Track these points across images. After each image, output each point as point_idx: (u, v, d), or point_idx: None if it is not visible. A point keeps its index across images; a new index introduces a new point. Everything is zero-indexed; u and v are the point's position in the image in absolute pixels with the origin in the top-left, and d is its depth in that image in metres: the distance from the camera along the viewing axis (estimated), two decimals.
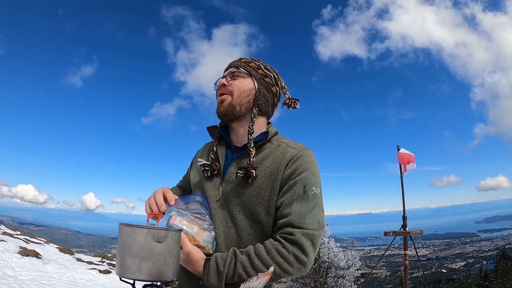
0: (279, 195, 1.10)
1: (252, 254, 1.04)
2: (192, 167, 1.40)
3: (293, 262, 1.02)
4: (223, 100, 1.22)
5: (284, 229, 1.05)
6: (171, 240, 1.21)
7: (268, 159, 1.15)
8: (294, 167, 1.11)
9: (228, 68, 1.29)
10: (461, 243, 71.72)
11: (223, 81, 1.24)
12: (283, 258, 1.02)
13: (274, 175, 1.11)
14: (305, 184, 1.09)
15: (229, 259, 1.05)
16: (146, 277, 1.14)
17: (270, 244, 1.04)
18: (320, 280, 13.96)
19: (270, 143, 1.21)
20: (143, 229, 1.16)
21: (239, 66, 1.25)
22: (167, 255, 1.19)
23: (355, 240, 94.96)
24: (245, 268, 1.03)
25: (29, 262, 7.62)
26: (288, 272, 1.03)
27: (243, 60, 1.28)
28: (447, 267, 50.60)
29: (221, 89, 1.24)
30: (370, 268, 26.82)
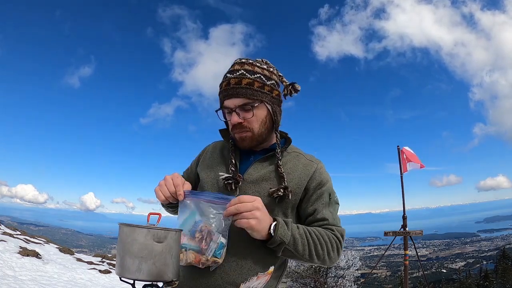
0: (309, 202, 1.23)
1: (313, 228, 1.16)
2: (204, 166, 1.35)
3: (336, 249, 1.18)
4: (244, 137, 1.21)
5: (324, 226, 1.21)
6: (171, 240, 1.21)
7: (294, 173, 1.22)
8: (319, 179, 1.24)
9: (230, 95, 1.17)
10: (461, 243, 71.73)
11: (238, 120, 1.18)
12: (333, 242, 1.17)
13: (298, 185, 1.21)
14: (330, 193, 1.25)
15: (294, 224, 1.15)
16: (146, 277, 1.14)
17: (322, 230, 1.18)
18: (320, 280, 13.96)
19: (287, 152, 1.28)
20: (143, 229, 1.16)
21: (246, 96, 1.16)
22: (167, 255, 1.19)
23: (355, 240, 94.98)
24: (307, 232, 1.13)
25: (29, 262, 7.62)
26: (331, 257, 1.17)
27: (244, 82, 1.16)
28: (447, 267, 50.62)
29: (238, 129, 1.20)
30: (370, 268, 26.82)
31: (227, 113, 1.23)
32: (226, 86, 1.19)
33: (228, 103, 1.19)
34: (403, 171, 6.49)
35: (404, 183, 6.59)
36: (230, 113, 1.21)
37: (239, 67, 1.20)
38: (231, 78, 1.19)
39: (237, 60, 1.24)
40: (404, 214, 6.26)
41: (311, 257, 1.13)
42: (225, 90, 1.19)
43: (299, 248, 1.11)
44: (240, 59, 1.24)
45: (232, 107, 1.18)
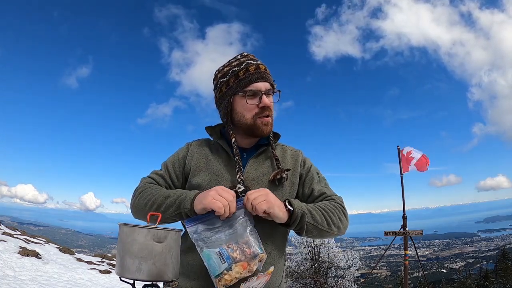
0: (305, 185, 1.31)
1: (318, 203, 1.23)
2: (200, 170, 1.27)
3: (343, 214, 1.25)
4: (267, 122, 1.24)
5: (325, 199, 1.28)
6: (171, 240, 1.21)
7: (287, 164, 1.30)
8: (306, 166, 1.35)
9: (263, 78, 1.23)
10: (461, 243, 71.67)
11: (269, 103, 1.23)
12: (339, 208, 1.24)
13: (294, 173, 1.30)
14: (317, 172, 1.37)
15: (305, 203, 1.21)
16: (146, 277, 1.14)
17: (325, 201, 1.25)
18: (320, 280, 13.96)
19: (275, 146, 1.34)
20: (143, 229, 1.16)
21: (272, 83, 1.25)
22: (167, 255, 1.19)
23: (355, 240, 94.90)
24: (315, 205, 1.20)
25: (29, 262, 7.62)
26: (343, 222, 1.23)
27: (268, 71, 1.27)
28: (447, 267, 50.58)
29: (266, 113, 1.23)
30: (370, 268, 26.81)
31: (250, 96, 1.22)
32: (256, 69, 1.22)
33: (259, 85, 1.21)
34: (403, 171, 6.49)
35: (404, 183, 6.58)
36: (255, 96, 1.22)
37: (255, 58, 1.27)
38: (259, 64, 1.24)
39: (246, 53, 1.28)
40: (404, 214, 6.25)
41: (329, 225, 1.18)
42: (257, 73, 1.21)
43: (317, 218, 1.15)
44: (250, 54, 1.29)
45: (264, 90, 1.21)
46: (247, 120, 1.23)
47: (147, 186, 1.26)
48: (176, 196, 1.18)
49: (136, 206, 1.25)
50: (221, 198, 1.07)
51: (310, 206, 1.18)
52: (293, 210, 1.12)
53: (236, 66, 1.23)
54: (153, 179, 1.30)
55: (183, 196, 1.16)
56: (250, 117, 1.23)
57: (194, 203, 1.13)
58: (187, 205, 1.13)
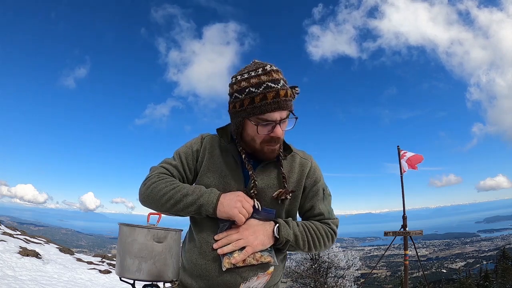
0: (307, 199, 1.33)
1: (311, 224, 1.29)
2: (209, 169, 1.28)
3: (331, 240, 1.32)
4: (274, 150, 1.23)
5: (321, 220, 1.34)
6: (171, 240, 1.21)
7: (293, 175, 1.30)
8: (314, 177, 1.33)
9: (281, 107, 1.13)
10: (461, 243, 71.65)
11: (281, 134, 1.18)
12: (328, 234, 1.31)
13: (298, 185, 1.30)
14: (323, 188, 1.36)
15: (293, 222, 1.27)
16: (146, 277, 1.14)
17: (319, 224, 1.31)
18: (320, 280, 13.96)
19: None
20: (143, 229, 1.16)
21: (290, 109, 1.17)
22: (167, 255, 1.19)
23: (355, 240, 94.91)
24: (306, 228, 1.25)
25: (29, 262, 7.61)
26: (327, 246, 1.32)
27: (289, 95, 1.15)
28: (447, 267, 50.55)
29: (274, 142, 1.19)
30: (370, 268, 26.81)
31: (263, 125, 1.16)
32: (275, 97, 1.11)
33: (275, 116, 1.13)
34: (403, 171, 6.49)
35: (404, 183, 6.58)
36: (268, 125, 1.16)
37: (277, 76, 1.14)
38: (279, 89, 1.12)
39: (268, 66, 1.16)
40: (404, 214, 6.25)
41: (309, 249, 1.27)
42: (274, 102, 1.11)
43: (300, 243, 1.24)
44: (270, 66, 1.16)
45: (279, 119, 1.14)
46: (255, 144, 1.22)
47: (161, 177, 1.23)
48: (196, 196, 1.18)
49: (148, 196, 1.22)
50: (245, 212, 1.16)
51: (299, 230, 1.24)
52: (278, 238, 1.21)
53: (254, 87, 1.12)
54: (167, 170, 1.27)
55: (204, 197, 1.17)
56: (258, 143, 1.21)
57: (217, 208, 1.16)
58: (210, 209, 1.16)
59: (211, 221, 1.23)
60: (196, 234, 1.27)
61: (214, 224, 1.23)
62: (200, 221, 1.27)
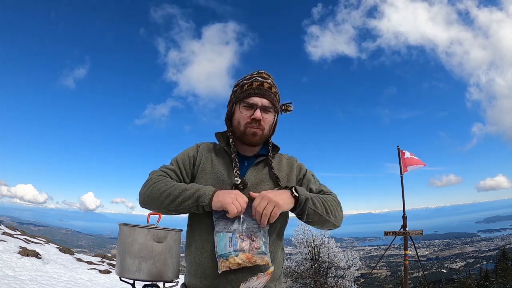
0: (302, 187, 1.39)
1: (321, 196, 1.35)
2: (205, 171, 1.39)
3: (340, 207, 1.39)
4: (255, 133, 1.37)
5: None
6: (171, 240, 1.22)
7: (283, 172, 1.44)
8: (302, 172, 1.49)
9: (262, 94, 1.36)
10: (461, 243, 71.65)
11: (260, 117, 1.35)
12: (336, 200, 1.39)
13: (288, 180, 1.43)
14: (312, 174, 1.51)
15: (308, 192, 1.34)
16: (146, 277, 1.15)
17: (325, 195, 1.38)
18: (320, 280, 13.96)
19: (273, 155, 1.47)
20: (143, 229, 1.17)
21: (272, 101, 1.38)
22: (167, 255, 1.19)
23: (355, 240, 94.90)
24: (316, 195, 1.34)
25: (29, 262, 7.62)
26: (339, 214, 1.37)
27: (272, 90, 1.39)
28: (447, 267, 50.55)
29: (255, 124, 1.36)
30: (370, 268, 26.81)
31: (245, 108, 1.37)
32: (259, 85, 1.37)
33: (256, 99, 1.36)
34: (403, 171, 6.49)
35: (404, 183, 6.58)
36: (250, 108, 1.37)
37: (267, 77, 1.41)
38: (264, 82, 1.39)
39: (262, 71, 1.43)
40: (404, 214, 6.25)
41: (327, 213, 1.31)
42: (258, 89, 1.37)
43: (317, 205, 1.29)
44: (265, 72, 1.43)
45: (259, 104, 1.36)
46: (240, 126, 1.39)
47: (160, 178, 1.33)
48: (193, 190, 1.26)
49: (149, 195, 1.30)
50: (238, 204, 1.22)
51: (313, 195, 1.32)
52: (298, 196, 1.26)
53: (245, 80, 1.41)
54: (166, 173, 1.37)
55: (202, 190, 1.26)
56: (242, 125, 1.38)
57: (213, 199, 1.23)
58: (206, 201, 1.23)
59: (209, 219, 1.29)
60: (196, 234, 1.32)
61: (212, 222, 1.28)
62: (198, 221, 1.33)
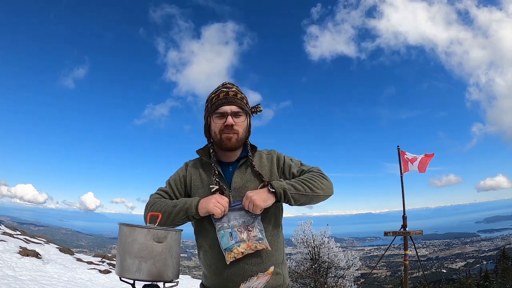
0: (285, 174, 1.58)
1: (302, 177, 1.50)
2: (197, 185, 1.57)
3: (323, 176, 1.52)
4: (231, 138, 1.52)
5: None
6: (171, 240, 1.22)
7: (265, 167, 1.58)
8: (281, 161, 1.62)
9: (229, 102, 1.51)
10: (461, 243, 71.61)
11: (232, 122, 1.50)
12: (317, 173, 1.52)
13: (271, 173, 1.58)
14: (290, 159, 1.64)
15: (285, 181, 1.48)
16: (146, 277, 1.15)
17: (306, 174, 1.53)
18: (320, 280, 13.97)
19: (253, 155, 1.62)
20: (143, 229, 1.17)
21: (240, 106, 1.53)
22: (167, 255, 1.19)
23: (355, 240, 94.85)
24: (300, 181, 1.46)
25: (29, 262, 7.62)
26: (326, 183, 1.49)
27: (238, 96, 1.54)
28: (447, 267, 50.53)
29: (229, 130, 1.51)
30: (370, 268, 26.82)
31: (218, 117, 1.53)
32: (225, 95, 1.52)
33: (225, 108, 1.51)
34: (403, 171, 6.49)
35: (404, 183, 6.58)
36: (222, 117, 1.52)
37: (231, 86, 1.57)
38: (229, 91, 1.54)
39: (227, 82, 1.60)
40: (404, 214, 6.25)
41: (312, 190, 1.44)
42: (225, 98, 1.52)
43: (299, 188, 1.43)
44: (229, 82, 1.60)
45: (229, 111, 1.51)
46: (216, 135, 1.55)
47: (156, 200, 1.55)
48: (182, 203, 1.47)
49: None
50: (220, 205, 1.41)
51: (292, 181, 1.47)
52: (275, 190, 1.41)
53: (213, 93, 1.57)
54: (160, 195, 1.59)
55: (188, 203, 1.46)
56: (218, 133, 1.54)
57: (198, 207, 1.43)
58: (193, 210, 1.43)
59: (208, 224, 1.48)
60: (201, 240, 1.52)
61: (211, 226, 1.47)
62: (200, 229, 1.53)
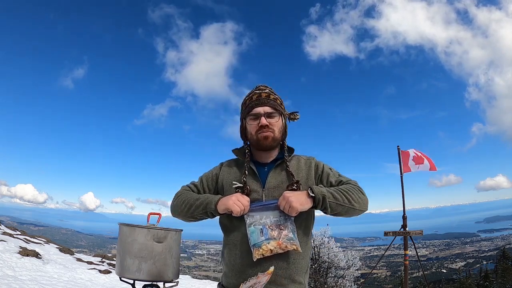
0: (322, 183, 1.55)
1: (341, 187, 1.47)
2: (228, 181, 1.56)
3: (361, 192, 1.49)
4: (267, 136, 1.53)
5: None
6: (171, 240, 1.22)
7: (302, 171, 1.57)
8: (319, 168, 1.61)
9: (262, 103, 1.54)
10: (461, 243, 71.57)
11: (266, 123, 1.51)
12: (356, 187, 1.49)
13: (308, 179, 1.56)
14: (329, 168, 1.62)
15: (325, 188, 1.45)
16: (146, 277, 1.15)
17: (345, 185, 1.50)
18: (320, 280, 13.96)
19: (290, 158, 1.61)
20: (143, 229, 1.17)
21: (273, 107, 1.54)
22: (167, 255, 1.19)
23: (355, 240, 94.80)
24: (336, 187, 1.46)
25: (29, 262, 7.62)
26: (363, 198, 1.47)
27: (271, 97, 1.56)
28: (447, 267, 50.51)
29: (264, 129, 1.52)
30: (370, 268, 26.82)
31: (252, 119, 1.55)
32: (258, 97, 1.55)
33: (259, 109, 1.53)
34: (403, 171, 6.48)
35: (404, 183, 6.57)
36: (256, 118, 1.54)
37: (264, 88, 1.60)
38: (262, 92, 1.57)
39: (260, 85, 1.63)
40: (404, 214, 6.24)
41: (349, 201, 1.42)
42: (257, 99, 1.55)
43: (338, 197, 1.41)
44: (262, 85, 1.62)
45: (262, 112, 1.53)
46: (252, 136, 1.56)
47: (183, 192, 1.59)
48: (203, 198, 1.49)
49: (174, 206, 1.55)
50: (239, 203, 1.40)
51: (332, 189, 1.45)
52: (314, 195, 1.39)
53: (247, 96, 1.61)
54: (190, 188, 1.63)
55: (209, 199, 1.48)
56: (254, 134, 1.55)
57: (218, 204, 1.44)
58: (212, 206, 1.45)
59: (237, 224, 1.46)
60: (233, 234, 1.49)
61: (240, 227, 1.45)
62: (228, 228, 1.52)
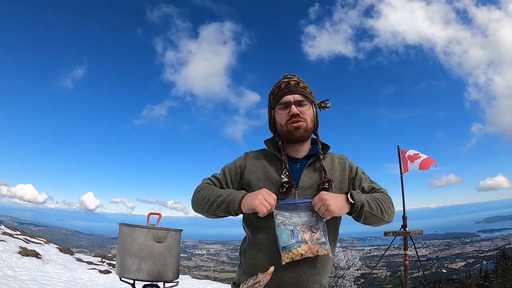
0: (354, 187, 1.48)
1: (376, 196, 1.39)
2: (254, 172, 1.45)
3: (392, 203, 1.43)
4: (299, 126, 1.42)
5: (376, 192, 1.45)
6: (171, 240, 1.22)
7: (336, 172, 1.47)
8: (353, 171, 1.52)
9: (291, 91, 1.43)
10: (461, 243, 71.56)
11: (297, 111, 1.40)
12: (388, 197, 1.43)
13: (342, 180, 1.47)
14: (362, 171, 1.54)
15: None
16: (146, 277, 1.15)
17: (378, 193, 1.42)
18: None
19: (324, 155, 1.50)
20: (143, 229, 1.17)
21: (303, 95, 1.44)
22: (167, 255, 1.19)
23: (355, 240, 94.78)
24: (370, 195, 1.38)
25: (29, 262, 7.62)
26: (392, 210, 1.41)
27: (301, 85, 1.46)
28: (447, 267, 50.52)
29: (295, 119, 1.41)
30: (370, 268, 26.82)
31: (281, 108, 1.44)
32: (287, 85, 1.45)
33: (288, 97, 1.43)
34: (403, 171, 6.48)
35: (404, 183, 6.57)
36: (286, 107, 1.43)
37: (292, 76, 1.51)
38: (290, 80, 1.48)
39: (287, 74, 1.53)
40: (404, 214, 6.24)
41: (382, 212, 1.35)
42: (286, 87, 1.44)
43: (373, 207, 1.33)
44: (290, 74, 1.53)
45: (293, 100, 1.42)
46: (282, 127, 1.45)
47: (205, 186, 1.46)
48: (226, 195, 1.35)
49: (195, 202, 1.43)
50: (266, 203, 1.27)
51: (368, 196, 1.36)
52: (354, 202, 1.30)
53: (275, 85, 1.51)
54: (211, 181, 1.49)
55: (232, 196, 1.34)
56: (284, 124, 1.44)
57: (242, 203, 1.31)
58: (235, 205, 1.32)
59: (263, 222, 1.35)
60: (262, 233, 1.37)
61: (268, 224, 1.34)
62: (253, 226, 1.40)
